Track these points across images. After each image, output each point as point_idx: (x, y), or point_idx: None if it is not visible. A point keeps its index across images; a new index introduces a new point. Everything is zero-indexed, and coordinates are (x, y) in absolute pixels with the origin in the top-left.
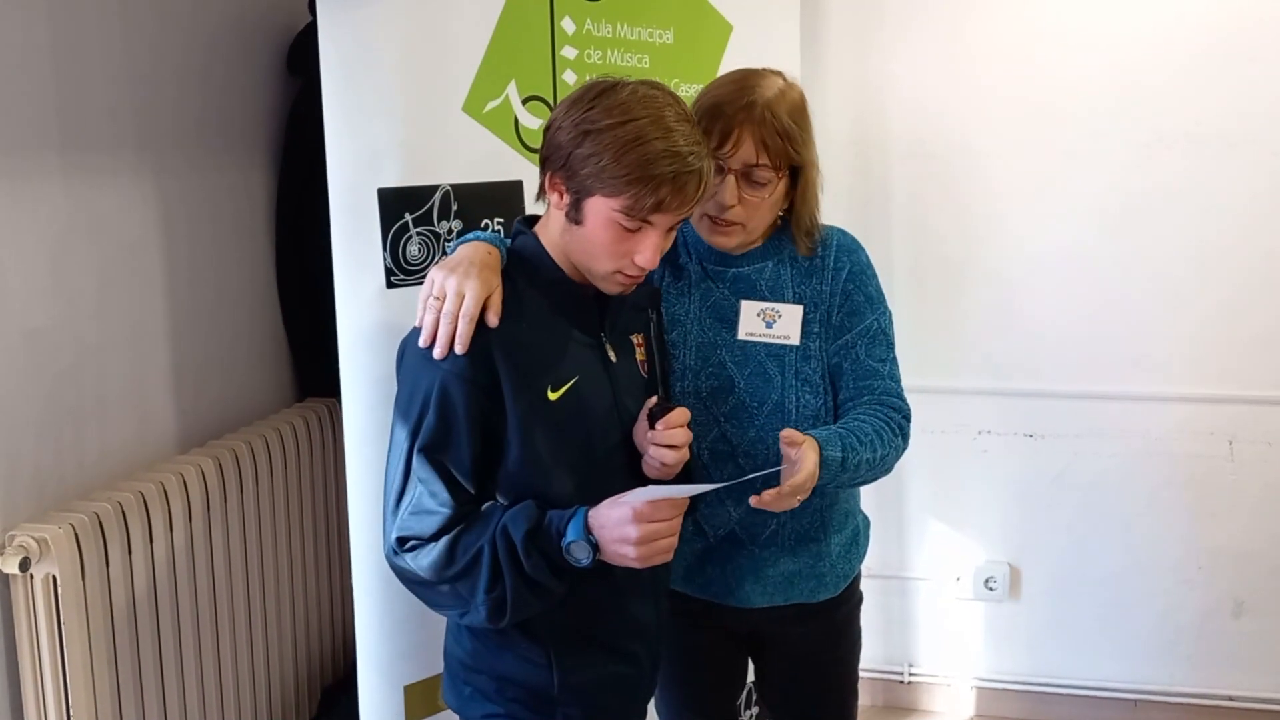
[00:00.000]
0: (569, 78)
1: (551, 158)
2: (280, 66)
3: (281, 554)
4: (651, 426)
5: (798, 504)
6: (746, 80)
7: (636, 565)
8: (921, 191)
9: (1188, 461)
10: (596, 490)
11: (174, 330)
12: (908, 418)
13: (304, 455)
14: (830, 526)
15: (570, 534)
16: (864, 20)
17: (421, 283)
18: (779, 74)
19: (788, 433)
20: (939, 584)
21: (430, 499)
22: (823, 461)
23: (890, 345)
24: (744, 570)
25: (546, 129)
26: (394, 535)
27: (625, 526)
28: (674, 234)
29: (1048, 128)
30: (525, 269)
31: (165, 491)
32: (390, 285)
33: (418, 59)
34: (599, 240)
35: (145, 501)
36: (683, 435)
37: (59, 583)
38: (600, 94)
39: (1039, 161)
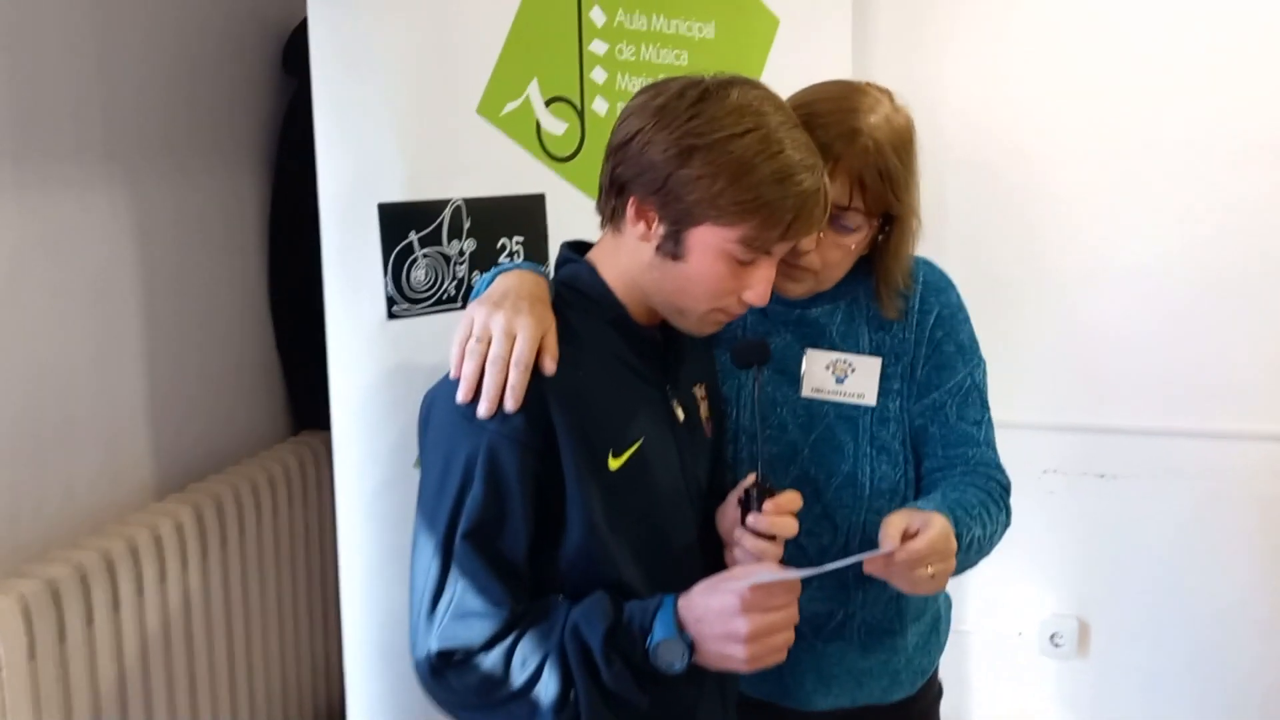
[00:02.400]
0: (598, 76)
1: (639, 179)
2: (275, 64)
3: (270, 611)
4: (749, 510)
5: (928, 585)
6: (848, 98)
7: (744, 669)
8: (979, 204)
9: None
10: (666, 583)
11: (151, 359)
12: (1008, 490)
13: (296, 497)
14: (907, 615)
15: (659, 631)
16: (918, 16)
17: (429, 312)
18: (885, 93)
19: (893, 519)
20: (999, 639)
21: (477, 597)
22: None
23: (985, 404)
24: (805, 668)
25: (624, 143)
26: (434, 648)
27: (733, 620)
28: None
29: (1119, 131)
30: (581, 305)
31: (135, 549)
32: (392, 315)
33: (424, 54)
34: (706, 276)
35: (111, 562)
36: (792, 525)
37: (4, 667)
38: (700, 99)
39: (1110, 170)
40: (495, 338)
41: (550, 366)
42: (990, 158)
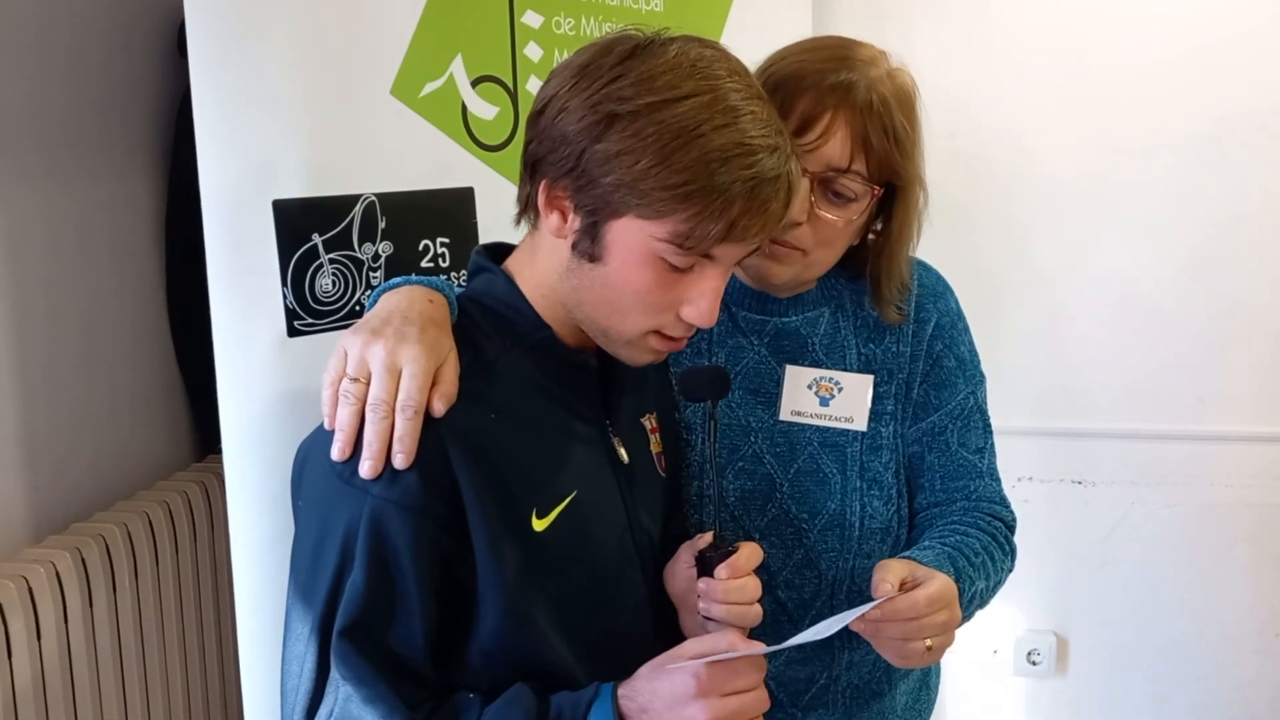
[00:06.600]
0: (532, 53)
1: (549, 157)
2: (169, 47)
3: (173, 664)
4: (705, 573)
5: (920, 658)
6: (843, 49)
7: None
8: (953, 197)
9: (1266, 512)
10: (610, 661)
11: (23, 385)
12: (1013, 529)
13: (202, 530)
14: (895, 673)
15: None
16: None
17: (338, 327)
18: (882, 52)
19: (891, 565)
20: (973, 658)
21: (365, 708)
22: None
23: (988, 428)
24: None
25: (537, 113)
26: None
27: (687, 708)
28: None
29: (1102, 119)
30: (495, 326)
31: (1, 604)
32: (294, 332)
33: (328, 27)
34: (631, 285)
35: None
36: (754, 587)
37: None
38: (630, 55)
39: (1091, 160)
40: (375, 374)
41: (440, 408)
42: (966, 146)
